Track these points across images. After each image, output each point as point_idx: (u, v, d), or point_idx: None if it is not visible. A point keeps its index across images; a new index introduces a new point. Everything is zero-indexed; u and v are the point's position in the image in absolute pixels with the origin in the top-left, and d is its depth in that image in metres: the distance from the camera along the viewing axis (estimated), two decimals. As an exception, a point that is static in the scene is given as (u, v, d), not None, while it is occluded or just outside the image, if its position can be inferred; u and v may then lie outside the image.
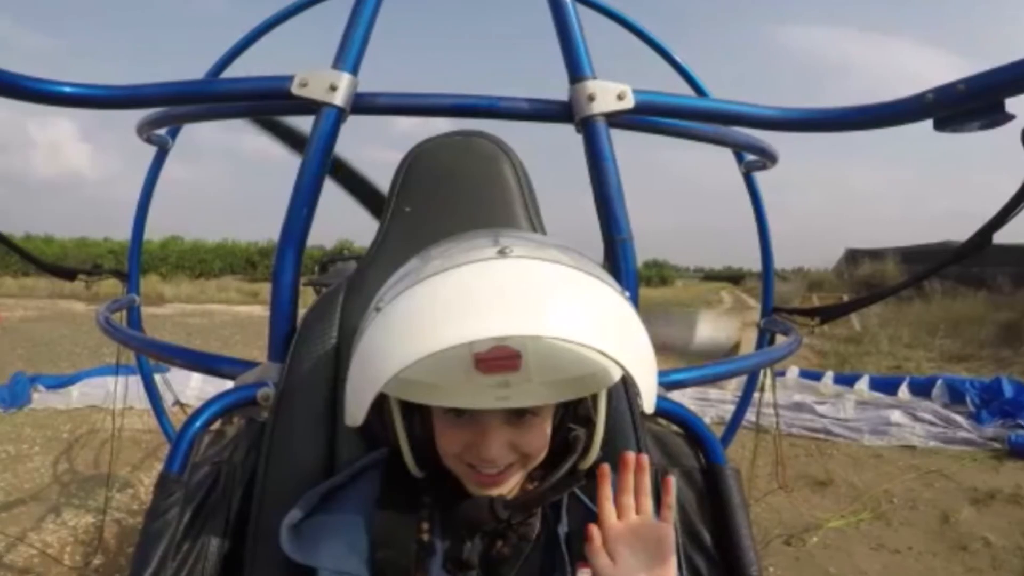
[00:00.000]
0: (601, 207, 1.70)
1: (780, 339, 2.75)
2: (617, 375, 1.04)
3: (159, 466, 2.29)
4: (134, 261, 3.38)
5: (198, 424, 1.41)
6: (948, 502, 5.38)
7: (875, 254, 24.03)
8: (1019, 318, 13.38)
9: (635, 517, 1.06)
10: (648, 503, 1.08)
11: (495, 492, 1.06)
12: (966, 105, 1.35)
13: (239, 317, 19.30)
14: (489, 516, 1.04)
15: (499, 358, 0.89)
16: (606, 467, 1.09)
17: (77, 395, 7.86)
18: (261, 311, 18.87)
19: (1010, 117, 1.33)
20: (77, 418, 7.31)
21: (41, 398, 7.98)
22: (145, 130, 2.25)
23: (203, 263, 33.97)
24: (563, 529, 1.13)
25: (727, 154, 3.02)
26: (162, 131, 2.70)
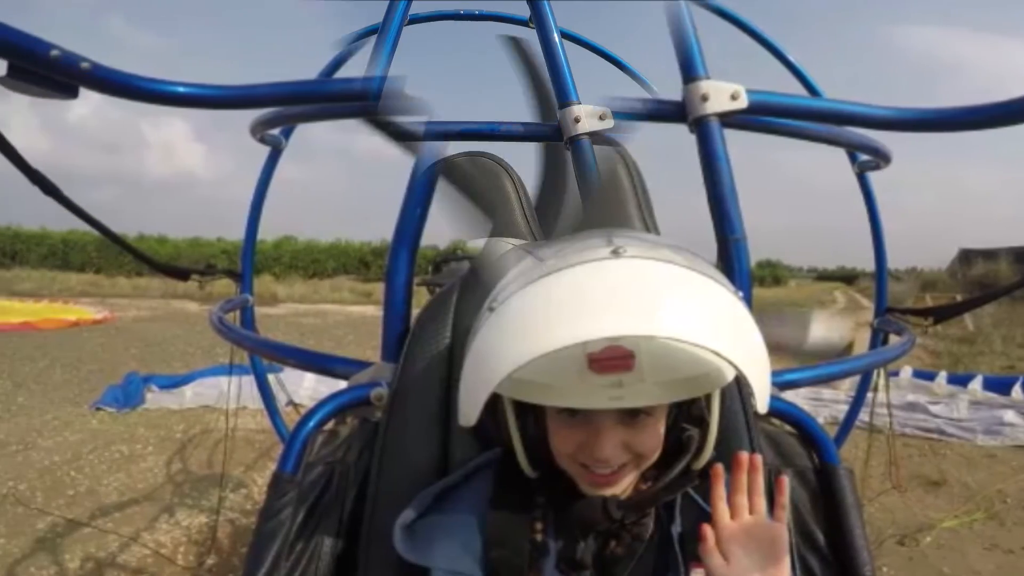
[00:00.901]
0: (714, 207, 1.64)
1: (893, 339, 2.64)
2: (731, 375, 0.97)
3: (272, 466, 2.32)
4: (247, 261, 3.36)
5: (311, 424, 1.37)
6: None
7: (988, 254, 23.71)
8: None
9: (749, 517, 1.01)
10: (762, 503, 1.02)
11: (608, 492, 1.02)
12: None
13: (352, 317, 19.06)
14: (603, 516, 1.01)
15: (613, 358, 0.86)
16: (719, 467, 1.03)
17: (190, 395, 7.78)
18: (374, 311, 18.37)
19: None
20: (191, 418, 7.21)
21: (154, 398, 7.94)
22: (259, 130, 2.22)
23: (316, 263, 33.66)
24: (676, 529, 1.08)
25: (840, 154, 2.92)
26: (275, 131, 2.68)
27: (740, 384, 1.29)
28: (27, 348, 11.54)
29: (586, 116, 1.63)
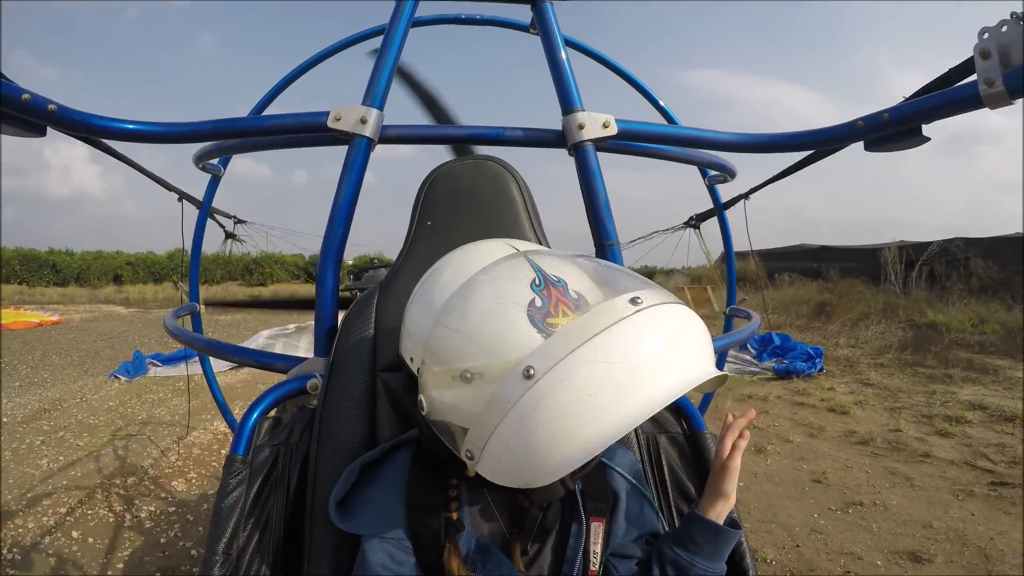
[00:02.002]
0: (592, 218, 1.74)
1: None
2: None
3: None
4: (194, 274, 3.40)
5: (258, 412, 1.43)
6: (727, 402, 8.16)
7: (741, 255, 25.18)
8: (832, 299, 16.18)
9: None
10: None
11: None
12: (890, 130, 1.43)
13: (249, 316, 20.22)
14: (563, 489, 1.07)
15: None
16: (730, 416, 1.22)
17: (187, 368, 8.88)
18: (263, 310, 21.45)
19: (926, 139, 1.41)
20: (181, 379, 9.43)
21: (155, 370, 10.30)
22: (200, 160, 2.24)
23: (207, 271, 33.92)
24: (579, 486, 1.16)
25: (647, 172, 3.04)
26: (214, 161, 2.72)
27: None
28: (16, 344, 13.21)
29: (590, 123, 1.69)
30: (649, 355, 0.83)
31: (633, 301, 0.86)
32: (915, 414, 7.78)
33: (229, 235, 4.38)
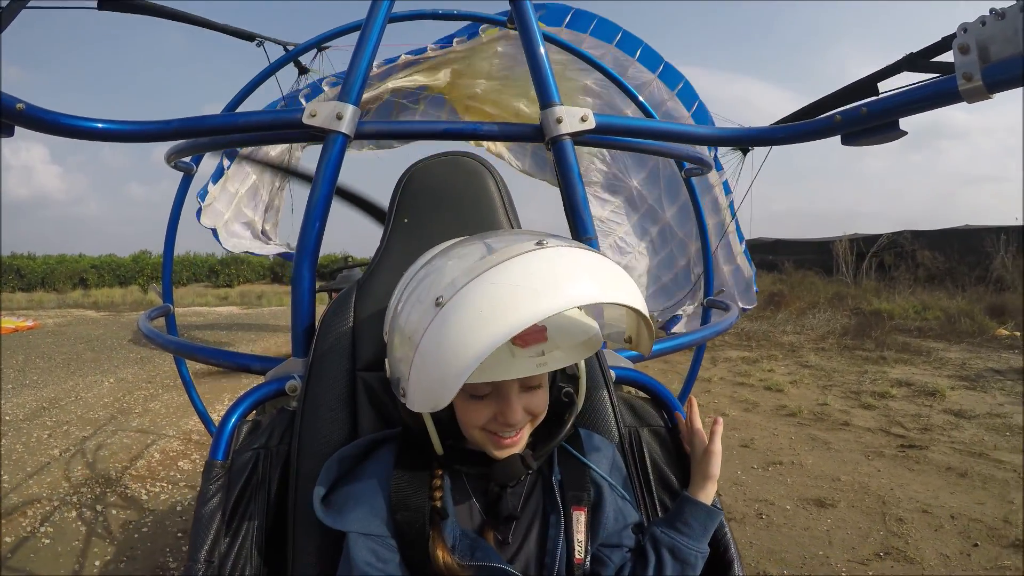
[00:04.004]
0: (570, 211, 1.70)
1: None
2: (601, 338, 1.13)
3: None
4: (167, 275, 3.27)
5: (236, 416, 1.36)
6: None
7: None
8: (784, 290, 16.64)
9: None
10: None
11: (514, 451, 1.08)
12: (867, 124, 1.40)
13: (224, 315, 20.03)
14: (523, 468, 1.09)
15: (531, 333, 0.97)
16: (692, 399, 1.33)
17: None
18: (236, 310, 21.73)
19: (903, 133, 1.38)
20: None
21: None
22: (173, 158, 2.15)
23: (172, 273, 33.30)
24: (556, 477, 1.16)
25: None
26: (187, 159, 2.59)
27: (597, 352, 1.40)
28: None
29: (568, 117, 1.65)
30: (535, 279, 0.88)
31: (538, 243, 0.93)
32: (844, 391, 8.29)
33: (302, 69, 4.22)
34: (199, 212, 7.49)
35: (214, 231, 7.88)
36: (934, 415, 7.02)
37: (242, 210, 8.44)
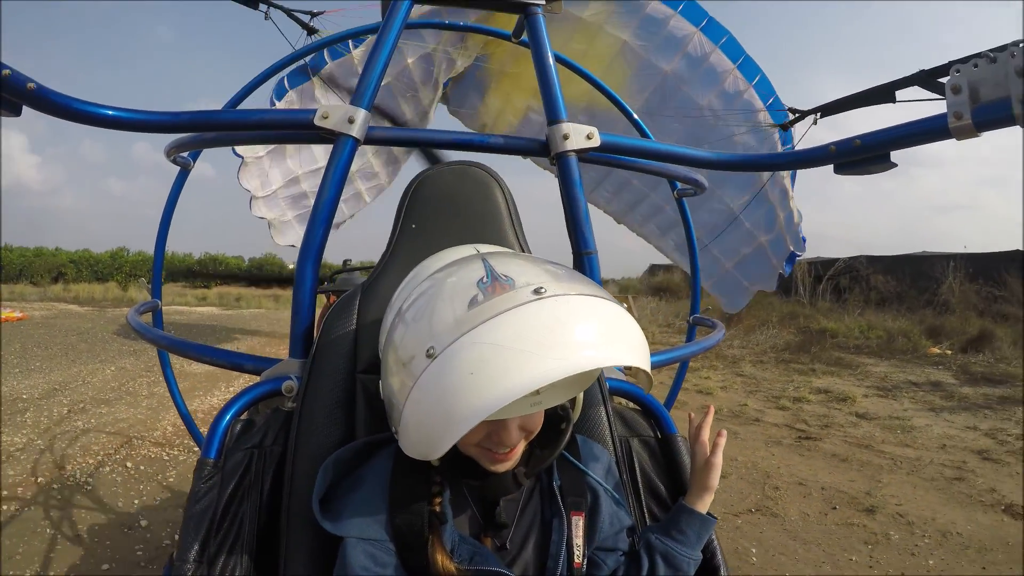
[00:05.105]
0: (572, 226, 1.66)
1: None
2: (600, 370, 1.13)
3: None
4: (157, 270, 3.12)
5: (229, 415, 1.30)
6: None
7: (668, 268, 26.73)
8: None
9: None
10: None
11: (508, 467, 1.04)
12: (861, 155, 1.38)
13: (205, 315, 19.51)
14: (514, 485, 1.06)
15: None
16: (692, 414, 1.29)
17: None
18: (216, 311, 21.14)
19: (893, 165, 1.37)
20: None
21: None
22: (173, 152, 2.05)
23: (150, 272, 32.13)
24: (557, 483, 1.13)
25: None
26: (185, 153, 2.46)
27: None
28: None
29: (574, 134, 1.61)
30: (531, 342, 0.79)
31: (536, 291, 0.84)
32: (766, 395, 8.79)
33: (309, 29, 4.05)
34: (239, 169, 7.04)
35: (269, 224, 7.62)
36: (839, 416, 7.59)
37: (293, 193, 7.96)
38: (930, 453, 6.10)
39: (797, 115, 5.43)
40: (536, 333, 0.80)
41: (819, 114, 5.21)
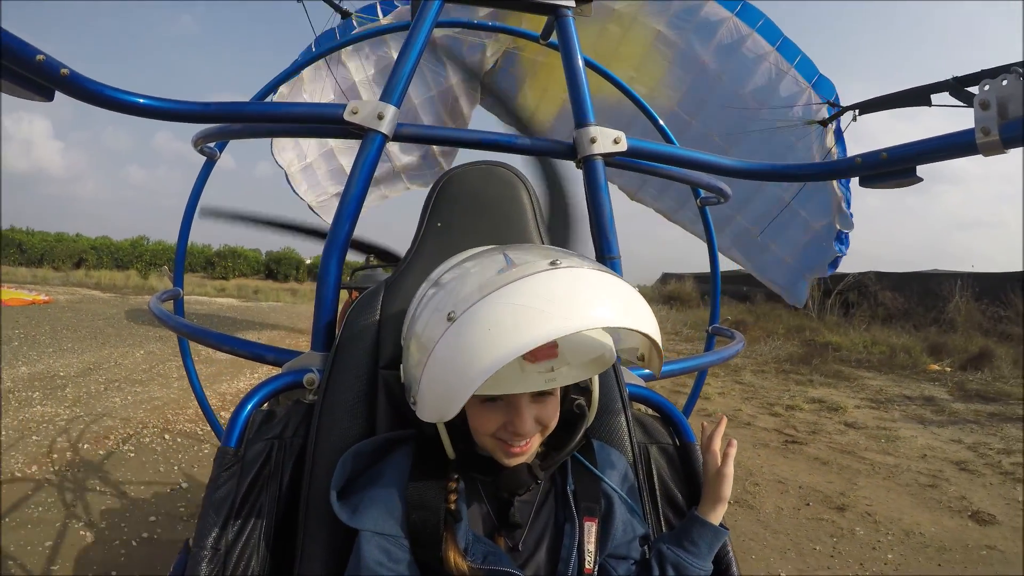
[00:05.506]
0: (596, 231, 1.64)
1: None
2: (615, 354, 1.07)
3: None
4: (180, 259, 3.06)
5: (251, 405, 1.29)
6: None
7: (679, 276, 27.15)
8: (750, 319, 17.01)
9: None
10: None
11: (523, 460, 1.04)
12: (886, 168, 1.36)
13: (225, 306, 19.49)
14: (530, 478, 1.05)
15: (544, 348, 0.92)
16: (705, 424, 1.27)
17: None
18: (235, 302, 21.14)
19: (919, 179, 1.34)
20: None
21: None
22: (200, 142, 2.04)
23: (170, 262, 31.73)
24: (571, 487, 1.12)
25: None
26: (212, 144, 2.44)
27: (615, 366, 1.34)
28: (21, 319, 12.53)
29: (602, 138, 1.60)
30: (543, 300, 0.84)
31: (553, 263, 0.89)
32: (762, 403, 8.88)
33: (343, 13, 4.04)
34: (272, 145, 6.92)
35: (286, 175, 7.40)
36: (828, 424, 7.75)
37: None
38: (910, 461, 6.29)
39: (838, 111, 5.33)
40: (550, 294, 0.85)
41: (858, 111, 5.13)
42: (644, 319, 0.91)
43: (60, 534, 3.78)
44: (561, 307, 0.84)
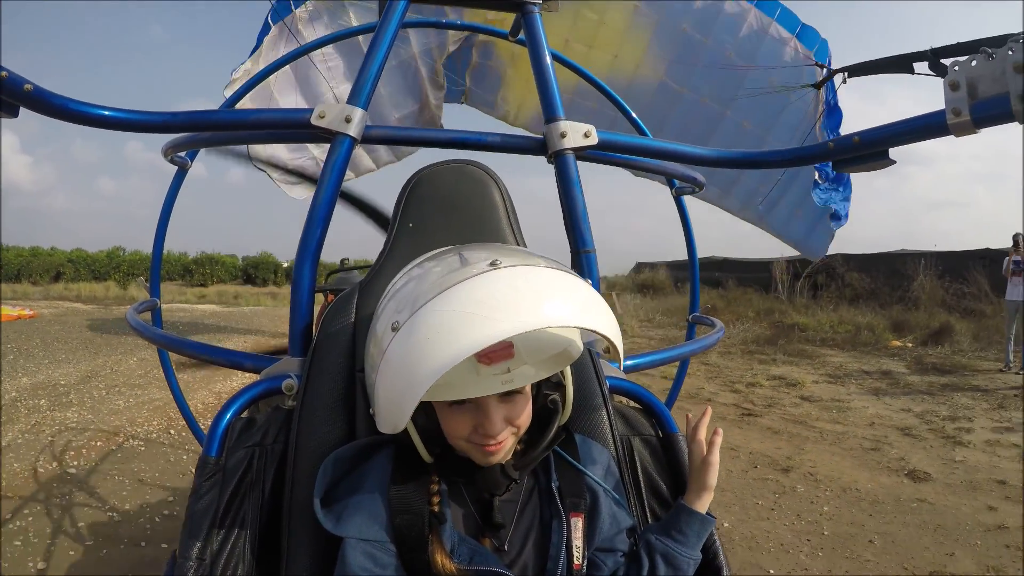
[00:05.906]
0: (570, 225, 1.60)
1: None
2: (580, 348, 1.06)
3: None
4: (156, 269, 2.99)
5: (230, 413, 1.26)
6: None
7: (652, 265, 27.49)
8: (721, 304, 17.09)
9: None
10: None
11: (498, 459, 1.02)
12: (859, 152, 1.34)
13: (207, 312, 19.42)
14: (503, 478, 1.03)
15: (497, 350, 0.90)
16: (690, 415, 1.23)
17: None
18: (216, 308, 21.00)
19: (892, 162, 1.33)
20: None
21: None
22: (171, 152, 2.00)
23: (147, 271, 31.31)
24: (555, 484, 1.10)
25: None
26: (183, 153, 2.40)
27: (593, 360, 1.33)
28: (11, 333, 12.57)
29: (572, 132, 1.56)
30: (479, 304, 0.82)
31: (492, 264, 0.87)
32: (724, 381, 9.14)
33: None
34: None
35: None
36: (784, 398, 8.08)
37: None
38: (857, 429, 6.64)
39: (828, 73, 5.40)
40: (487, 298, 0.83)
41: (847, 74, 5.24)
42: (590, 314, 0.88)
43: (91, 516, 4.27)
44: (496, 310, 0.81)
